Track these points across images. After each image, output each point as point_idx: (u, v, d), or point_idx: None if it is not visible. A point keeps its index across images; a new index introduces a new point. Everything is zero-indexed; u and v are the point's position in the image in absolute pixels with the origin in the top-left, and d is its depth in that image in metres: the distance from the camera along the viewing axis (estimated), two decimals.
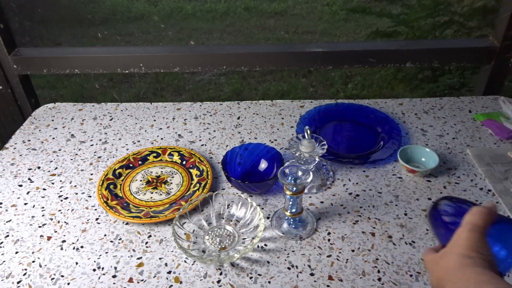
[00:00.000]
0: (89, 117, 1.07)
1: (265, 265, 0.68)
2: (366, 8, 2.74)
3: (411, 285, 0.64)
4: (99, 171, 0.89)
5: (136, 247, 0.71)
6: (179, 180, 0.85)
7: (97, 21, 4.12)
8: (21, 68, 1.20)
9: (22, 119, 1.21)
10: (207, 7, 4.35)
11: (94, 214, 0.78)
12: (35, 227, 0.76)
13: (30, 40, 3.61)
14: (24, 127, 1.04)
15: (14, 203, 0.81)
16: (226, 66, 1.21)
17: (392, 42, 1.88)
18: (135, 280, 0.66)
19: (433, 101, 1.10)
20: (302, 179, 0.69)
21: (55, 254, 0.70)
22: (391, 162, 0.89)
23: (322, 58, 1.18)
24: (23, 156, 0.94)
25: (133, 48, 1.37)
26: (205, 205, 0.77)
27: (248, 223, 0.74)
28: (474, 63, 1.27)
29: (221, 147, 0.95)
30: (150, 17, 4.19)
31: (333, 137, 0.98)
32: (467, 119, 1.03)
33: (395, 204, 0.79)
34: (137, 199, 0.81)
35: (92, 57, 1.20)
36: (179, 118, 1.06)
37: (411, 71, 2.26)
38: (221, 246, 0.71)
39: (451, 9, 2.13)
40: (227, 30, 3.92)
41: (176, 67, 1.21)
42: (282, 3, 4.43)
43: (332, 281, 0.65)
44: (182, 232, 0.72)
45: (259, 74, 3.09)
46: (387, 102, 1.10)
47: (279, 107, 1.09)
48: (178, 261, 0.69)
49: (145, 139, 0.98)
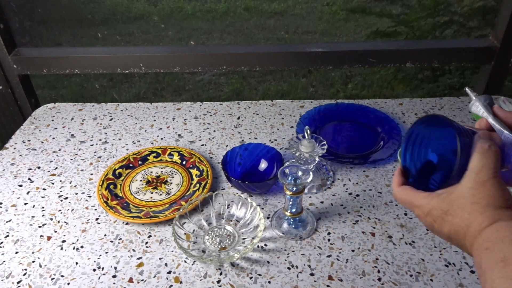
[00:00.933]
0: (89, 117, 1.07)
1: (265, 265, 0.68)
2: (366, 8, 2.74)
3: (411, 285, 0.64)
4: (99, 171, 0.89)
5: (136, 247, 0.71)
6: (179, 180, 0.85)
7: (97, 21, 4.12)
8: (21, 68, 1.20)
9: (22, 119, 1.21)
10: (207, 7, 4.35)
11: (94, 214, 0.78)
12: (35, 227, 0.76)
13: (30, 40, 3.61)
14: (24, 127, 1.04)
15: (14, 203, 0.81)
16: (226, 66, 1.21)
17: (392, 42, 1.88)
18: (135, 280, 0.66)
19: (433, 101, 1.10)
20: (302, 179, 0.69)
21: (55, 254, 0.70)
22: (391, 162, 0.89)
23: (322, 58, 1.18)
24: (23, 156, 0.94)
25: (133, 48, 1.37)
26: (205, 205, 0.77)
27: (248, 223, 0.74)
28: (474, 63, 1.27)
29: (221, 147, 0.95)
30: (150, 17, 4.19)
31: (333, 137, 0.98)
32: (467, 119, 1.03)
33: (395, 204, 0.79)
34: (137, 199, 0.81)
35: (92, 57, 1.20)
36: (179, 118, 1.06)
37: (411, 71, 2.26)
38: (221, 246, 0.71)
39: (451, 9, 2.13)
40: (227, 30, 3.92)
41: (176, 67, 1.21)
42: (282, 3, 4.43)
43: (332, 281, 0.65)
44: (182, 232, 0.72)
45: (259, 74, 3.09)
46: (387, 102, 1.10)
47: (279, 107, 1.09)
48: (178, 261, 0.69)
49: (145, 139, 0.98)
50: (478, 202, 0.38)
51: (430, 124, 0.46)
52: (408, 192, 0.45)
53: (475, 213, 0.38)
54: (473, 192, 0.39)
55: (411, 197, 0.45)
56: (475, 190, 0.39)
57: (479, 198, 0.38)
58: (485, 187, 0.38)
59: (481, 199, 0.38)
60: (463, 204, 0.39)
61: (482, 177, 0.38)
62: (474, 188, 0.39)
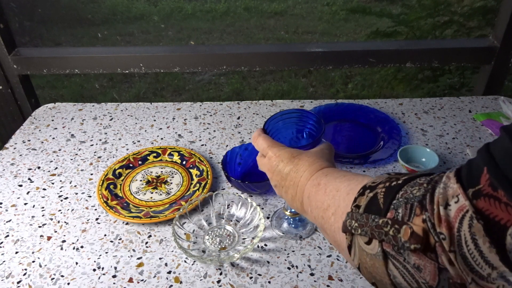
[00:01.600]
0: (89, 117, 1.07)
1: (265, 265, 0.68)
2: (366, 8, 2.74)
3: None
4: (99, 171, 0.89)
5: (136, 247, 0.71)
6: (179, 180, 0.85)
7: (97, 21, 4.12)
8: (21, 68, 1.20)
9: (22, 119, 1.21)
10: (207, 7, 4.35)
11: (94, 214, 0.78)
12: (35, 227, 0.76)
13: (30, 40, 3.61)
14: (24, 127, 1.04)
15: (14, 203, 0.81)
16: (226, 66, 1.21)
17: (392, 42, 1.88)
18: (135, 280, 0.66)
19: (433, 101, 1.10)
20: None
21: (55, 254, 0.70)
22: (391, 162, 0.89)
23: (322, 58, 1.18)
24: (23, 156, 0.94)
25: (133, 48, 1.37)
26: (205, 205, 0.77)
27: (248, 223, 0.74)
28: (474, 63, 1.27)
29: (221, 147, 0.95)
30: (150, 17, 4.19)
31: (333, 137, 0.98)
32: (467, 119, 1.03)
33: None
34: (137, 199, 0.81)
35: (92, 57, 1.20)
36: (179, 118, 1.06)
37: (411, 71, 2.26)
38: (221, 246, 0.71)
39: (451, 9, 2.13)
40: (227, 30, 3.93)
41: (176, 67, 1.21)
42: (282, 3, 4.44)
43: (332, 281, 0.65)
44: (182, 232, 0.72)
45: (259, 74, 3.09)
46: (387, 102, 1.10)
47: (279, 107, 1.09)
48: (178, 261, 0.69)
49: (145, 139, 0.98)
50: (314, 160, 0.52)
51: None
52: (267, 138, 0.58)
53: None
54: (313, 155, 0.53)
55: (268, 141, 0.57)
56: (314, 156, 0.53)
57: (315, 159, 0.52)
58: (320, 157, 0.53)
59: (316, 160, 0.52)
60: (306, 156, 0.53)
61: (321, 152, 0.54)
62: (314, 152, 0.54)
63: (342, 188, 0.43)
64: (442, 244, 0.29)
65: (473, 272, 0.27)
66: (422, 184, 0.33)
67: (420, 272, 0.30)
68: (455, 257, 0.28)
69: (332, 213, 0.42)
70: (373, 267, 0.34)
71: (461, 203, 0.28)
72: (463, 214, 0.28)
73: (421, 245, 0.29)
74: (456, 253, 0.28)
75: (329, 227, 0.43)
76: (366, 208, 0.36)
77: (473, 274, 0.27)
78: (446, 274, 0.29)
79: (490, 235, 0.26)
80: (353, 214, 0.37)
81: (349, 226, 0.36)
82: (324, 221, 0.44)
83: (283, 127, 0.65)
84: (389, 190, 0.35)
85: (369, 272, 0.36)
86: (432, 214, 0.29)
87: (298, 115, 0.65)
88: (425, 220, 0.30)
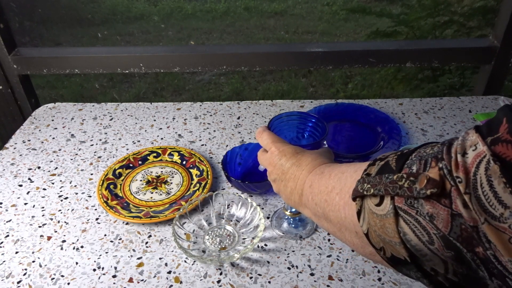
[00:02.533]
0: (89, 117, 1.07)
1: (265, 265, 0.68)
2: (366, 8, 2.74)
3: (411, 285, 0.64)
4: (99, 171, 0.89)
5: (136, 247, 0.71)
6: (179, 180, 0.85)
7: (97, 21, 4.12)
8: (21, 68, 1.20)
9: (22, 119, 1.21)
10: (207, 7, 4.35)
11: (94, 214, 0.78)
12: (35, 227, 0.76)
13: (30, 40, 3.61)
14: (24, 127, 1.04)
15: (14, 203, 0.81)
16: (226, 66, 1.21)
17: (392, 42, 1.88)
18: (135, 280, 0.66)
19: (433, 101, 1.10)
20: None
21: (55, 254, 0.70)
22: None
23: (322, 58, 1.18)
24: (23, 156, 0.94)
25: (133, 48, 1.37)
26: (205, 205, 0.77)
27: (248, 223, 0.74)
28: (474, 63, 1.27)
29: (221, 147, 0.95)
30: (150, 17, 4.19)
31: (333, 137, 0.98)
32: (467, 119, 1.03)
33: None
34: (137, 199, 0.81)
35: (92, 57, 1.20)
36: (179, 118, 1.06)
37: (411, 71, 2.26)
38: (221, 246, 0.71)
39: (451, 9, 2.13)
40: (227, 30, 3.93)
41: (176, 67, 1.21)
42: (282, 3, 4.44)
43: (332, 281, 0.65)
44: (182, 232, 0.72)
45: (259, 74, 3.09)
46: (387, 102, 1.10)
47: (279, 107, 1.09)
48: (178, 261, 0.69)
49: (145, 139, 0.98)
50: (316, 157, 0.53)
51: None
52: (272, 134, 0.59)
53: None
54: (315, 153, 0.54)
55: (273, 137, 0.58)
56: (316, 153, 0.54)
57: (317, 156, 0.53)
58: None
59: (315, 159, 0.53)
60: (306, 155, 0.54)
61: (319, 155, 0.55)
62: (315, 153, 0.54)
63: (349, 170, 0.43)
64: (458, 187, 0.29)
65: (486, 212, 0.28)
66: (436, 145, 0.33)
67: (433, 221, 0.30)
68: (470, 199, 0.28)
69: (337, 193, 0.42)
70: (383, 228, 0.34)
71: (479, 150, 0.29)
72: (480, 159, 0.28)
73: (438, 188, 0.30)
74: (471, 195, 0.28)
75: (332, 208, 0.43)
76: (378, 172, 0.36)
77: (486, 215, 0.28)
78: (459, 220, 0.29)
79: (505, 176, 0.27)
80: (365, 179, 0.37)
81: (361, 189, 0.36)
82: (327, 204, 0.44)
83: (286, 128, 0.65)
84: (401, 155, 0.35)
85: (378, 235, 0.35)
86: (449, 162, 0.30)
87: (302, 117, 0.65)
88: (441, 168, 0.30)
